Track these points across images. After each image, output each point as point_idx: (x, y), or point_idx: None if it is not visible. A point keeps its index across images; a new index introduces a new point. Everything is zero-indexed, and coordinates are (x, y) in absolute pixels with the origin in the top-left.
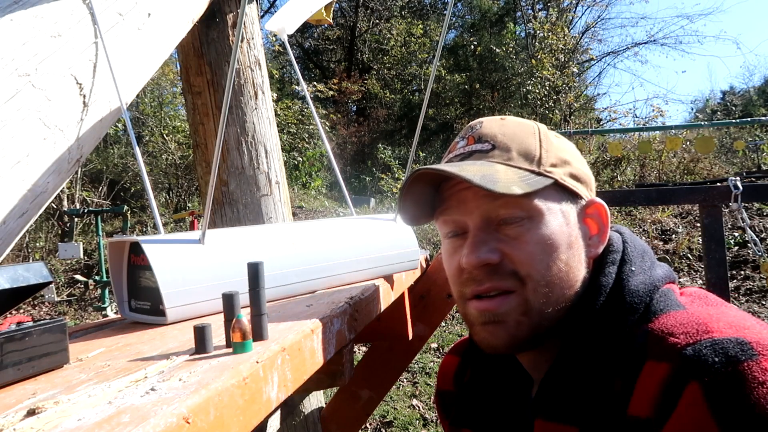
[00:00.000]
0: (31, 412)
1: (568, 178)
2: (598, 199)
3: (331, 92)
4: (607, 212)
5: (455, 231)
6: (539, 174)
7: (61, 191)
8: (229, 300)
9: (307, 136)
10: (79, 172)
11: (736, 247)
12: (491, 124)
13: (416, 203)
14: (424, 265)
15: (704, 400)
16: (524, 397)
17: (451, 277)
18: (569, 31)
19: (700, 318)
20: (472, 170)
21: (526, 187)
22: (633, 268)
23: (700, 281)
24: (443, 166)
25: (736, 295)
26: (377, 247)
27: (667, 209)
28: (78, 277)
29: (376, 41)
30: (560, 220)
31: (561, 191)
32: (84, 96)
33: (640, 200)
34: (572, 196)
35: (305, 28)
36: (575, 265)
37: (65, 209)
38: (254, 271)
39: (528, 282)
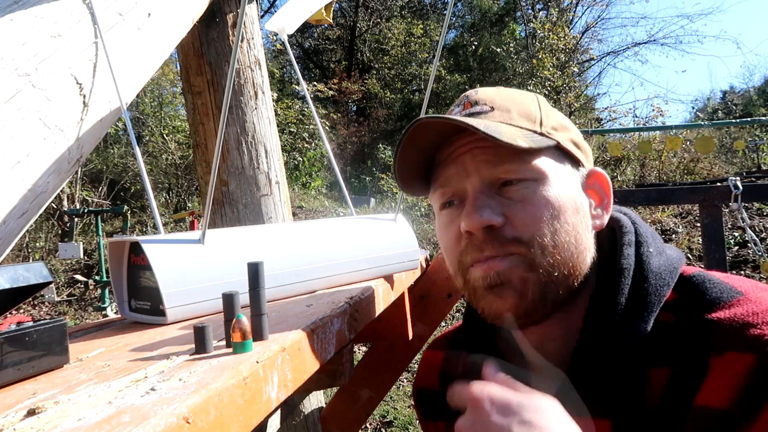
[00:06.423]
0: (31, 412)
1: (570, 144)
2: (599, 169)
3: (331, 92)
4: (608, 181)
5: (452, 200)
6: (541, 134)
7: (61, 191)
8: (229, 300)
9: (307, 136)
10: (79, 172)
11: (736, 247)
12: (488, 91)
13: (414, 168)
14: (424, 265)
15: None
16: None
17: (448, 249)
18: (569, 31)
19: None
20: (475, 122)
21: (531, 143)
22: (651, 250)
23: None
24: (444, 116)
25: None
26: (377, 247)
27: (667, 209)
28: (78, 277)
29: (376, 41)
30: (566, 184)
31: (563, 156)
32: (84, 96)
33: (640, 200)
34: (574, 162)
35: (305, 28)
36: (583, 232)
37: (65, 209)
38: (254, 271)
39: (533, 245)
